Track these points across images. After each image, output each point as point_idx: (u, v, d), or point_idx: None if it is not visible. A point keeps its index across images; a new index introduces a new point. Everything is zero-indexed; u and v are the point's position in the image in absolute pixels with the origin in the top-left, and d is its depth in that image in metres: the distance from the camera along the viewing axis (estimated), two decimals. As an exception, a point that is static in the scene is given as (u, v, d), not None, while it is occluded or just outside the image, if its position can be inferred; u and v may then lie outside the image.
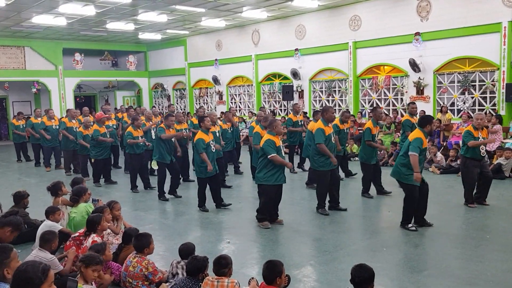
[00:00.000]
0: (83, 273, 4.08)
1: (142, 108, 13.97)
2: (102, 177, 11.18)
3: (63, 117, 15.00)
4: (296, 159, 12.19)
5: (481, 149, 7.83)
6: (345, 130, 10.35)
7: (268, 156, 6.91)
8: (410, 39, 14.13)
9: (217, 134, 9.83)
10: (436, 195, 8.92)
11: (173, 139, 9.45)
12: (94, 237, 5.13)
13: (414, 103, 10.38)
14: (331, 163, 7.68)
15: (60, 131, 13.00)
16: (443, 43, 13.57)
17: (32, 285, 2.69)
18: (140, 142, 10.40)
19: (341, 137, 10.03)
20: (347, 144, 11.38)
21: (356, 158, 13.09)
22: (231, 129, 11.41)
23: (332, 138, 7.78)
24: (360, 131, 13.06)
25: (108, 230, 5.83)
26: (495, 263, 5.44)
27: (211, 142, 8.16)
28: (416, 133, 6.75)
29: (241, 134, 15.68)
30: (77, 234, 5.64)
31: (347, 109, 13.94)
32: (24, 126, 15.11)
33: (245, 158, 12.76)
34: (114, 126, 12.61)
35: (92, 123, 11.66)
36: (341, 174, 10.86)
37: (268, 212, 7.26)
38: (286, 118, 14.05)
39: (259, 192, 7.46)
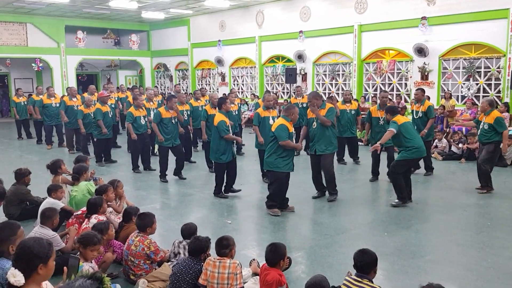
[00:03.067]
0: (82, 253, 4.13)
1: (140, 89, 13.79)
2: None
3: (64, 96, 14.88)
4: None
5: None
6: (348, 111, 10.33)
7: (280, 142, 6.70)
8: (416, 23, 13.95)
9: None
10: (438, 182, 8.93)
11: (173, 121, 9.13)
12: (98, 217, 5.14)
13: (417, 89, 10.19)
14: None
15: (60, 111, 12.91)
16: (449, 28, 13.41)
17: (39, 261, 2.61)
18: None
19: (342, 118, 10.17)
20: (357, 129, 11.06)
21: (360, 143, 13.03)
22: (235, 112, 11.32)
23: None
24: (363, 115, 12.98)
25: (110, 209, 5.84)
26: (496, 249, 5.45)
27: (229, 125, 7.91)
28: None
29: (243, 116, 15.65)
30: (79, 212, 5.65)
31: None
32: (26, 103, 15.03)
33: (248, 140, 12.67)
34: (113, 105, 12.53)
35: (94, 102, 11.61)
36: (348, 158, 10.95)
37: (278, 199, 7.05)
38: (288, 101, 13.98)
39: (269, 178, 7.12)
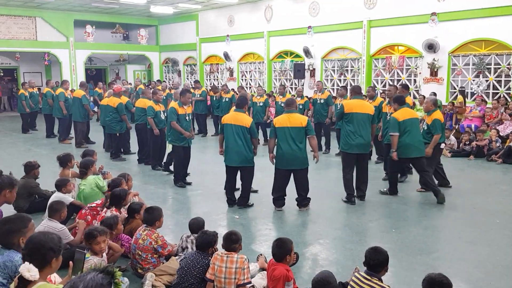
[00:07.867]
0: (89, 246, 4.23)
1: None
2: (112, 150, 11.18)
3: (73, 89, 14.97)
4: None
5: None
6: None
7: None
8: (426, 19, 13.85)
9: None
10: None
11: (187, 118, 8.35)
12: (113, 210, 5.21)
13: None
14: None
15: (85, 105, 12.82)
16: (459, 24, 13.28)
17: (53, 254, 2.79)
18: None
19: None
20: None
21: None
22: (260, 104, 12.30)
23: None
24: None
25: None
26: (504, 247, 5.42)
27: None
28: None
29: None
30: (94, 204, 5.68)
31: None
32: (29, 96, 15.39)
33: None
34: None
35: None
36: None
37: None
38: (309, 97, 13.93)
39: (304, 175, 6.83)
